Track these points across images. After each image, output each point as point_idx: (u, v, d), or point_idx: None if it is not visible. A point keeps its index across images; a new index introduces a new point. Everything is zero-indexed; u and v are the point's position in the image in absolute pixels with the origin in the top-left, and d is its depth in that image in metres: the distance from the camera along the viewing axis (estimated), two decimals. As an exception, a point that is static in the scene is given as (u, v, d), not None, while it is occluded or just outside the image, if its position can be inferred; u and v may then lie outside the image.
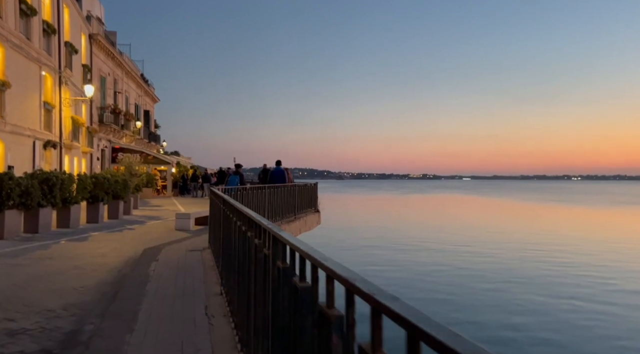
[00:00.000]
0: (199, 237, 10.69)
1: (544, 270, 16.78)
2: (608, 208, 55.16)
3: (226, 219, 5.03)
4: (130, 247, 9.54)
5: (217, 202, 6.70)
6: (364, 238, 23.99)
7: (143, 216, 16.66)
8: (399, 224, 32.89)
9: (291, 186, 14.35)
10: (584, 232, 29.27)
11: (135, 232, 12.12)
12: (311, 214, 16.22)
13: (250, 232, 3.35)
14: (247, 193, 10.64)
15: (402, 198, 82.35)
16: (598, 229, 31.72)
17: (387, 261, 17.90)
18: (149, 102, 44.44)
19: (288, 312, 1.90)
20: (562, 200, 74.33)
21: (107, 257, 8.44)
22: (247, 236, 3.35)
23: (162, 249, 8.92)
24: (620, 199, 77.30)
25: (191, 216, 12.76)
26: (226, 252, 5.04)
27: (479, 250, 21.01)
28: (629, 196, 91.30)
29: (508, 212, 49.01)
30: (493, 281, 15.14)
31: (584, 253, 20.56)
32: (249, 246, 3.34)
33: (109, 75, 30.74)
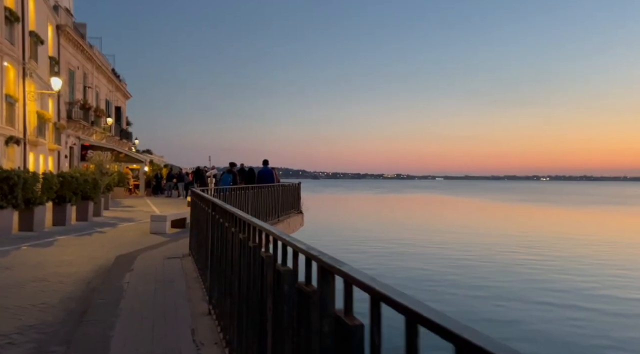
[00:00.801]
0: (177, 242, 9.82)
1: (539, 274, 16.47)
2: (587, 208, 56.10)
3: (217, 227, 4.27)
4: (101, 253, 8.62)
5: (202, 206, 5.91)
6: (350, 239, 23.37)
7: (115, 217, 15.61)
8: (381, 224, 32.41)
9: (274, 186, 13.58)
10: (565, 232, 29.37)
11: (106, 236, 11.15)
12: (294, 215, 15.48)
13: (253, 243, 2.63)
14: (230, 194, 9.83)
15: (380, 198, 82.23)
16: (580, 228, 31.93)
17: (376, 263, 17.33)
18: (121, 98, 42.85)
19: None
20: (539, 200, 75.47)
21: (75, 266, 7.52)
22: (252, 249, 2.63)
23: (137, 256, 8.05)
24: (590, 199, 79.04)
25: (167, 219, 11.87)
26: (217, 265, 4.27)
27: (464, 250, 20.67)
28: (598, 196, 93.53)
29: (492, 213, 49.24)
30: (478, 279, 14.72)
31: (571, 252, 20.43)
32: (253, 261, 2.62)
33: (78, 69, 29.28)
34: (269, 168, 15.21)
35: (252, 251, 2.62)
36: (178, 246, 9.17)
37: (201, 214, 5.95)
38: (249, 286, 2.73)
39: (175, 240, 10.21)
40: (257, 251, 2.55)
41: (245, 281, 2.86)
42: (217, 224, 4.27)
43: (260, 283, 2.47)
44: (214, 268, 4.45)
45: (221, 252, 4.01)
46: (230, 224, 3.52)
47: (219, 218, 4.13)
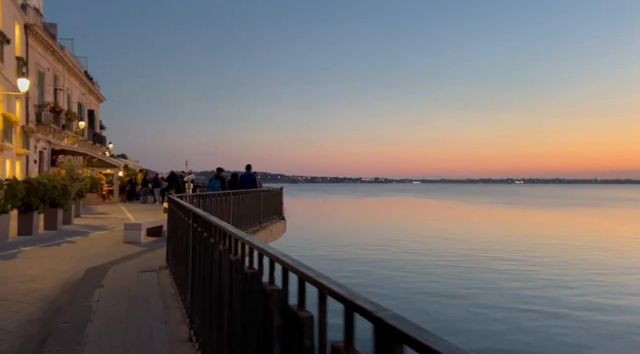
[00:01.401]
0: (153, 253, 9.17)
1: (522, 278, 16.25)
2: (564, 210, 56.87)
3: (199, 241, 3.72)
4: (69, 266, 7.92)
5: (180, 215, 5.33)
6: (335, 246, 22.85)
7: (86, 225, 14.78)
8: (364, 230, 32.01)
9: (257, 191, 13.00)
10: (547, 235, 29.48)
11: (75, 246, 10.40)
12: (277, 222, 14.91)
13: (250, 271, 2.12)
14: (210, 201, 9.23)
15: (360, 202, 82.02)
16: (558, 231, 32.12)
17: (362, 272, 16.87)
18: (94, 101, 41.57)
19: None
20: (515, 203, 76.39)
21: (38, 281, 6.83)
22: (250, 277, 2.11)
23: (108, 269, 7.39)
24: (566, 202, 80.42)
25: (142, 227, 11.17)
26: (199, 285, 3.72)
27: (448, 254, 20.42)
28: (573, 198, 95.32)
29: (472, 216, 49.40)
30: (462, 284, 14.41)
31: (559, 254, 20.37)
32: (247, 287, 2.12)
33: (49, 71, 28.15)
34: (252, 173, 14.62)
35: (248, 278, 2.10)
36: (154, 257, 8.53)
37: (180, 224, 5.38)
38: (243, 318, 2.20)
39: (151, 250, 9.54)
40: (254, 280, 2.03)
41: (238, 309, 2.33)
42: (199, 238, 3.72)
43: (260, 315, 1.96)
44: (196, 289, 3.89)
45: (205, 272, 3.46)
46: (217, 240, 2.98)
47: (202, 231, 3.58)
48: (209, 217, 3.23)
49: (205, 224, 3.51)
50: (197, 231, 3.85)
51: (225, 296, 2.62)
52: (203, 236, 3.54)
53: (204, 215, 3.43)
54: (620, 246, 24.66)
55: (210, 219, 3.15)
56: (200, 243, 3.66)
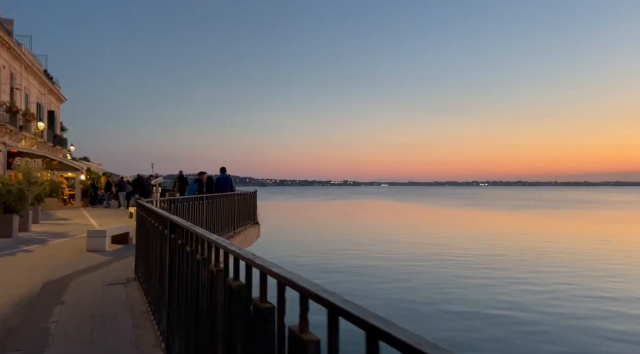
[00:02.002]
0: (120, 262, 8.47)
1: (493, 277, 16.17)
2: (528, 212, 58.09)
3: (178, 253, 3.18)
4: (24, 279, 7.15)
5: (152, 223, 4.75)
6: (311, 250, 22.36)
7: (45, 232, 13.81)
8: (337, 232, 31.65)
9: (231, 195, 12.38)
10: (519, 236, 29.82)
11: (33, 255, 9.56)
12: (250, 227, 14.31)
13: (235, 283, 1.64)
14: (182, 205, 8.60)
15: (330, 204, 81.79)
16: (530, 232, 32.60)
17: (341, 273, 16.46)
18: (54, 101, 39.76)
19: None
20: (480, 205, 77.78)
21: (-12, 297, 6.08)
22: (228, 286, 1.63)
23: (69, 281, 6.69)
24: (531, 203, 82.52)
25: (107, 234, 10.41)
26: (178, 304, 3.18)
27: (424, 258, 20.26)
28: (533, 200, 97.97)
29: (442, 218, 49.78)
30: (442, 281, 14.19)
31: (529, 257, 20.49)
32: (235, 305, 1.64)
33: (4, 69, 26.62)
34: (227, 175, 13.98)
35: (234, 292, 1.60)
36: (121, 268, 7.84)
37: (152, 233, 4.79)
38: (233, 340, 1.70)
39: (118, 259, 8.84)
40: (259, 306, 1.54)
41: (227, 334, 1.83)
42: (178, 249, 3.18)
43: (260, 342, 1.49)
44: (174, 308, 3.35)
45: (185, 287, 2.94)
46: (201, 254, 2.47)
47: (182, 244, 3.05)
48: (193, 228, 2.70)
49: (185, 234, 2.98)
50: (175, 242, 3.30)
51: (214, 314, 2.12)
52: (183, 248, 3.01)
53: (185, 225, 2.89)
54: (602, 248, 25.11)
55: (196, 230, 2.62)
56: (180, 256, 3.12)
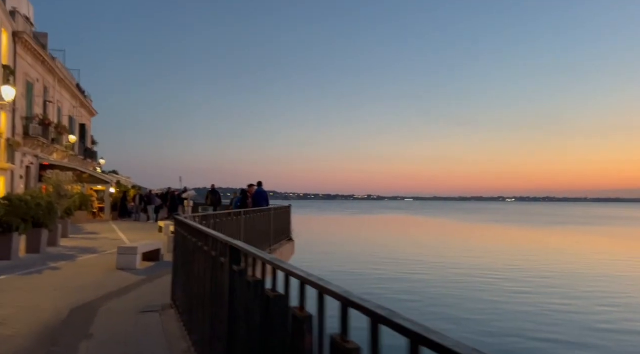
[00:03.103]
0: (152, 283, 7.75)
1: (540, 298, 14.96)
2: (560, 228, 55.87)
3: (247, 292, 2.38)
4: (50, 302, 6.48)
5: (197, 243, 3.98)
6: (350, 268, 21.45)
7: (74, 247, 13.29)
8: (371, 248, 30.59)
9: (267, 210, 11.64)
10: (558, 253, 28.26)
11: (60, 274, 8.94)
12: (285, 243, 13.52)
13: None
14: (220, 220, 7.86)
15: (356, 219, 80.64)
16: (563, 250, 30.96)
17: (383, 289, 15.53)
18: (86, 115, 40.12)
19: None
20: (514, 221, 75.52)
21: (9, 325, 5.41)
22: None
23: (98, 307, 5.97)
24: (559, 219, 79.86)
25: (138, 250, 9.76)
26: (240, 346, 2.36)
27: (461, 270, 19.13)
28: (564, 216, 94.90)
29: (474, 234, 48.20)
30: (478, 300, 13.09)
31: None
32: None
33: (38, 82, 26.75)
34: (264, 190, 13.27)
35: None
36: (154, 290, 7.12)
37: (196, 257, 4.02)
38: None
39: (150, 279, 8.13)
40: None
41: None
42: (246, 287, 2.37)
43: None
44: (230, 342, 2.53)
45: (251, 333, 2.13)
46: (272, 288, 1.65)
47: (251, 284, 2.24)
48: (280, 263, 1.89)
49: (253, 263, 2.18)
50: (239, 275, 2.50)
51: None
52: (249, 283, 2.21)
53: (265, 258, 2.08)
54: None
55: (279, 264, 1.81)
56: (248, 295, 2.32)
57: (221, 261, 2.96)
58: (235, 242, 2.65)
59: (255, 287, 2.19)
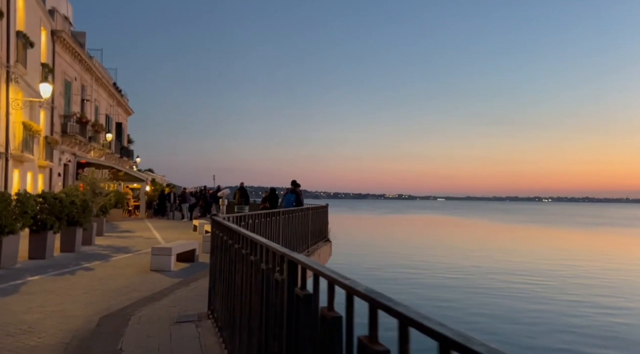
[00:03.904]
0: (187, 288, 7.27)
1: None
2: (602, 230, 53.39)
3: (309, 310, 1.76)
4: (80, 309, 6.06)
5: (239, 249, 3.41)
6: (393, 272, 20.73)
7: (109, 246, 13.05)
8: (410, 250, 29.68)
9: (305, 210, 11.07)
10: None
11: (93, 275, 8.59)
12: (323, 245, 12.92)
13: None
14: (259, 221, 7.31)
15: (390, 219, 79.48)
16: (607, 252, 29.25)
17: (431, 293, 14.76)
18: (122, 113, 40.64)
19: None
20: (546, 221, 72.83)
21: (36, 333, 4.98)
22: None
23: (130, 316, 5.50)
24: (600, 221, 76.59)
25: (172, 251, 9.33)
26: None
27: (506, 274, 18.10)
28: (605, 218, 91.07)
29: (511, 235, 46.54)
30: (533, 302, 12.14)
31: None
32: None
33: (76, 80, 27.05)
34: (299, 189, 12.71)
35: None
36: (190, 296, 6.62)
37: (243, 269, 3.44)
38: None
39: (185, 283, 7.65)
40: None
41: None
42: (317, 321, 1.76)
43: None
44: None
45: None
46: (348, 314, 1.04)
47: (328, 321, 1.61)
48: (370, 294, 1.26)
49: (314, 283, 1.57)
50: (308, 303, 1.88)
51: None
52: (334, 321, 1.59)
53: (344, 282, 1.45)
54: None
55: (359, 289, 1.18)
56: (326, 330, 1.70)
57: (276, 279, 2.36)
58: (297, 257, 2.04)
59: (333, 324, 1.57)
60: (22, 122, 17.23)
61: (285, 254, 2.20)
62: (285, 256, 2.19)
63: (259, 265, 2.81)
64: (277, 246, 2.41)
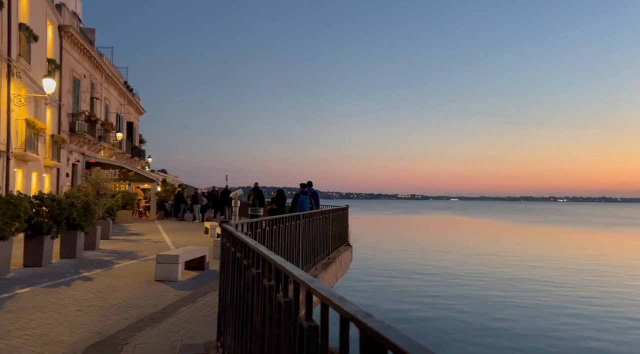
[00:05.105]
0: (195, 305, 6.28)
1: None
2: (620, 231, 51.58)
3: None
4: (67, 332, 5.10)
5: (258, 275, 2.39)
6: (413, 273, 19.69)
7: (113, 251, 12.15)
8: (434, 254, 28.53)
9: (326, 212, 10.04)
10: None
11: (90, 287, 7.65)
12: (344, 250, 11.89)
13: None
14: (277, 227, 6.29)
15: (406, 220, 78.09)
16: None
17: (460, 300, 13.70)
18: (133, 113, 40.00)
19: None
20: (563, 221, 70.89)
21: (6, 369, 4.02)
22: None
23: (122, 345, 4.51)
24: (619, 221, 74.42)
25: (180, 259, 8.37)
26: None
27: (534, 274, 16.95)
28: (623, 218, 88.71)
29: (531, 237, 45.06)
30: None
31: None
32: None
33: (85, 78, 26.35)
34: (315, 190, 11.70)
35: None
36: (196, 317, 5.63)
37: (259, 302, 2.42)
38: None
39: (192, 299, 6.67)
40: None
41: None
42: None
43: None
44: None
45: None
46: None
47: None
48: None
49: None
50: None
51: None
52: None
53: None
54: None
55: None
56: None
57: (300, 325, 1.36)
58: (330, 296, 1.02)
59: None
60: (25, 119, 16.44)
61: (311, 288, 1.17)
62: (312, 290, 1.16)
63: (276, 296, 1.80)
64: (301, 274, 1.39)
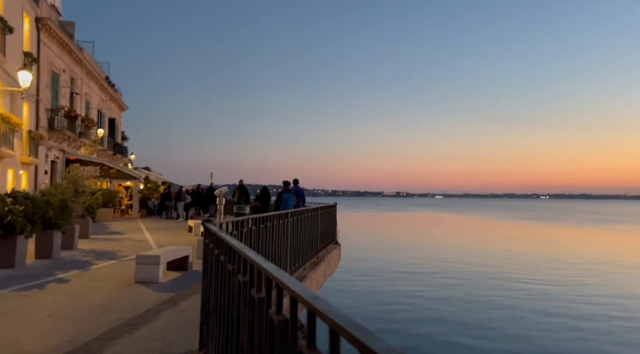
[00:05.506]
0: (176, 309, 5.91)
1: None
2: (601, 227, 52.26)
3: None
4: (36, 340, 4.71)
5: (239, 278, 2.05)
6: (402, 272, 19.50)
7: (92, 251, 11.67)
8: (421, 252, 28.43)
9: (314, 210, 9.72)
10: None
11: (65, 290, 7.22)
12: (332, 249, 11.59)
13: None
14: (264, 226, 5.95)
15: (392, 217, 78.27)
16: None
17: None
18: (116, 109, 39.15)
19: None
20: (546, 218, 71.76)
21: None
22: None
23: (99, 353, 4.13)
24: (599, 218, 75.62)
25: (161, 260, 7.98)
26: None
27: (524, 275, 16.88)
28: (603, 214, 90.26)
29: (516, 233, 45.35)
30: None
31: None
32: None
33: (64, 73, 25.59)
34: (301, 188, 11.37)
35: None
36: (177, 322, 5.26)
37: (246, 315, 2.08)
38: None
39: (173, 302, 6.29)
40: None
41: None
42: None
43: None
44: None
45: None
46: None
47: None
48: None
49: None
50: None
51: None
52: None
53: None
54: None
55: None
56: None
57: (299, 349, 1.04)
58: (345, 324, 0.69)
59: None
60: (0, 113, 15.80)
61: (307, 301, 0.86)
62: (308, 304, 0.85)
63: (266, 310, 1.47)
64: (297, 286, 1.07)
